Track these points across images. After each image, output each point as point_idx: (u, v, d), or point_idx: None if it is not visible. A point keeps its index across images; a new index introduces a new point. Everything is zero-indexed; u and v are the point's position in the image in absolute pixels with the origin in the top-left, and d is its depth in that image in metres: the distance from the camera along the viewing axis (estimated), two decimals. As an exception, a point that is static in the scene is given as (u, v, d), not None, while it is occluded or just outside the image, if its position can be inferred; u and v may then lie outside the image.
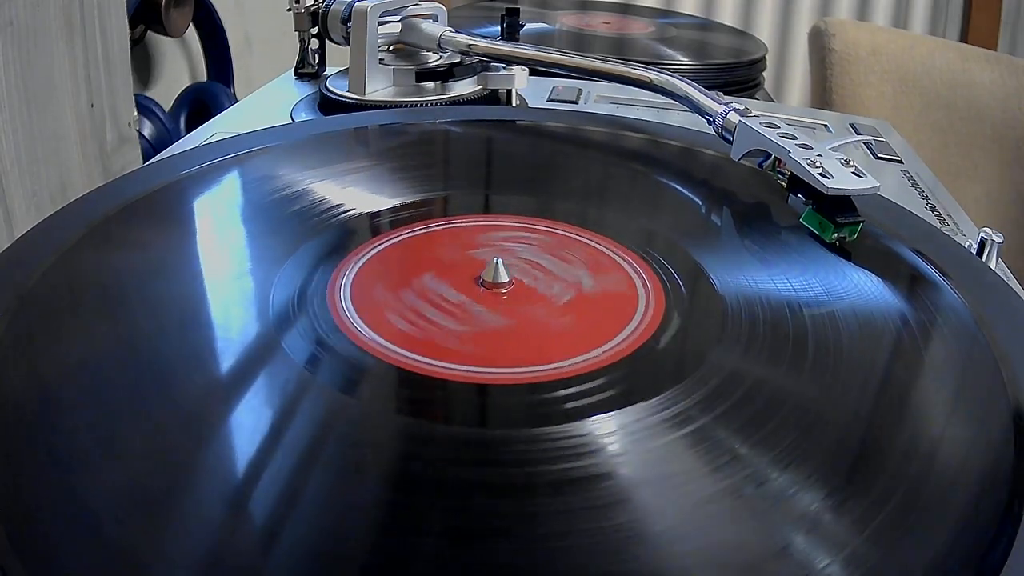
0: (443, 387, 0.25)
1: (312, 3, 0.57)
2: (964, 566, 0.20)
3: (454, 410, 0.25)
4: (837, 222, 0.33)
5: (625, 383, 0.25)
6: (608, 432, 0.23)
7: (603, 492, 0.21)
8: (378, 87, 0.52)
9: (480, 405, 0.25)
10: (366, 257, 0.31)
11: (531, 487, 0.22)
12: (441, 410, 0.25)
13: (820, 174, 0.33)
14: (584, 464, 0.22)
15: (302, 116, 0.52)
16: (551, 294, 0.30)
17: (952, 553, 0.20)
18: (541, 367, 0.26)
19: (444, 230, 0.34)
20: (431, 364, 0.26)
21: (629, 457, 0.23)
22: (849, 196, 0.33)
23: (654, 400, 0.24)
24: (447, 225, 0.34)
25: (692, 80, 0.43)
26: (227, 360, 0.26)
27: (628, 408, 0.24)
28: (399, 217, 0.34)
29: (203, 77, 1.21)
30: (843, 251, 0.33)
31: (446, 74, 0.52)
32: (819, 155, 0.35)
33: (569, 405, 0.24)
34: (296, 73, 0.60)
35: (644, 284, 0.30)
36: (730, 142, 0.39)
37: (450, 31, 0.52)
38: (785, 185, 0.36)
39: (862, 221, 0.33)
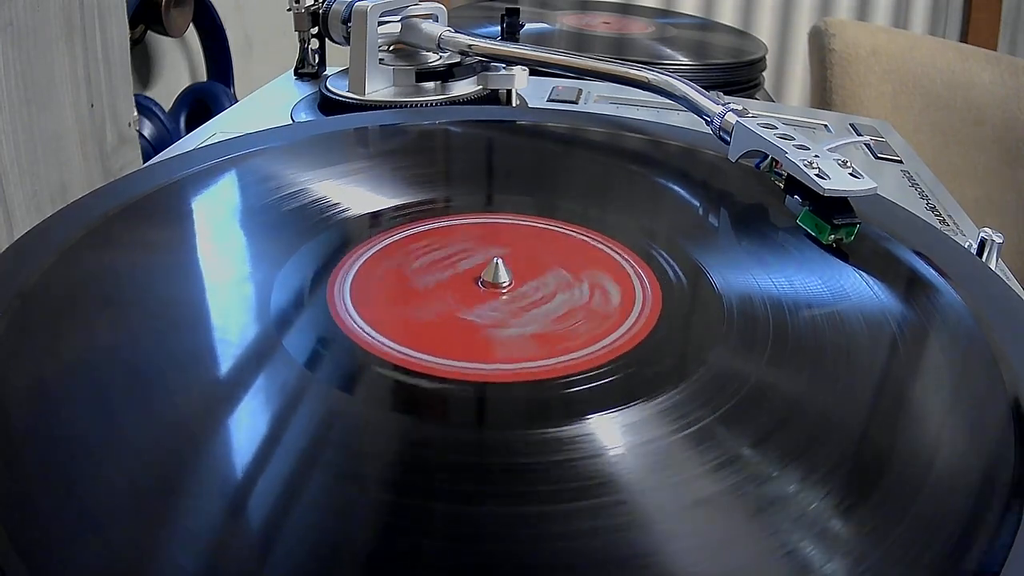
0: (442, 384, 0.25)
1: (312, 3, 0.57)
2: (964, 566, 0.20)
3: (452, 408, 0.25)
4: (834, 223, 0.32)
5: (622, 382, 0.25)
6: (606, 430, 0.23)
7: (601, 490, 0.21)
8: (378, 87, 0.52)
9: (478, 403, 0.25)
10: (366, 257, 0.31)
11: (529, 485, 0.22)
12: (440, 408, 0.25)
13: (816, 175, 0.33)
14: (581, 462, 0.22)
15: (302, 116, 0.52)
16: (550, 293, 0.30)
17: (952, 553, 0.20)
18: (539, 363, 0.26)
19: (444, 229, 0.34)
20: (430, 361, 0.26)
21: (627, 455, 0.23)
22: (846, 197, 0.33)
23: (652, 399, 0.24)
24: (447, 224, 0.34)
25: (692, 80, 0.43)
26: (228, 360, 0.26)
27: (626, 407, 0.24)
28: (399, 217, 0.35)
29: (203, 77, 1.21)
30: (840, 253, 0.33)
31: (446, 74, 0.52)
32: (816, 156, 0.35)
33: (567, 403, 0.24)
34: (296, 73, 0.60)
35: (642, 283, 0.30)
36: (728, 143, 0.39)
37: (450, 31, 0.52)
38: (782, 186, 0.36)
39: (859, 223, 0.33)
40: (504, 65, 0.52)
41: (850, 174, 0.34)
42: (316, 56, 0.60)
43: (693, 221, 0.37)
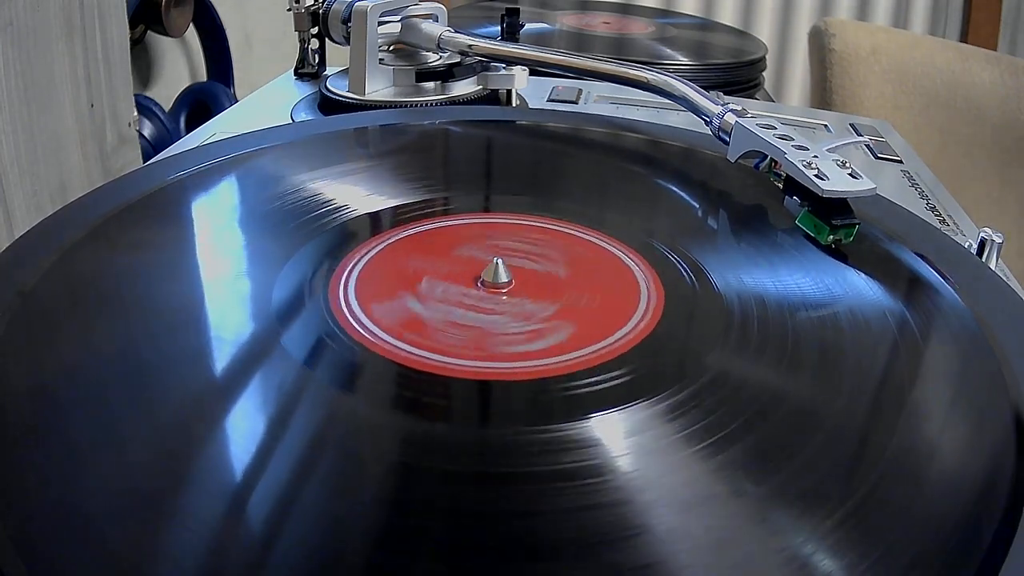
0: (444, 383, 0.25)
1: (312, 3, 0.57)
2: (964, 566, 0.20)
3: (454, 406, 0.25)
4: (833, 224, 0.32)
5: (625, 381, 0.25)
6: (608, 429, 0.23)
7: (603, 490, 0.21)
8: (378, 87, 0.52)
9: (480, 402, 0.25)
10: (366, 258, 0.31)
11: (531, 484, 0.22)
12: (442, 406, 0.25)
13: (815, 176, 0.33)
14: (583, 462, 0.22)
15: (302, 116, 0.52)
16: (552, 292, 0.30)
17: (952, 553, 0.20)
18: (542, 362, 0.26)
19: (444, 229, 0.34)
20: (433, 359, 0.26)
21: (628, 455, 0.23)
22: (845, 198, 0.33)
23: (654, 398, 0.24)
24: (447, 224, 0.34)
25: (692, 80, 0.43)
26: (228, 360, 0.26)
27: (628, 406, 0.24)
28: (399, 217, 0.35)
29: (203, 77, 1.21)
30: (839, 253, 0.33)
31: (446, 74, 0.52)
32: (815, 156, 0.35)
33: (569, 402, 0.24)
34: (296, 73, 0.60)
35: (646, 281, 0.30)
36: (727, 143, 0.39)
37: (450, 31, 0.52)
38: (781, 187, 0.36)
39: (858, 223, 0.33)
40: (504, 65, 0.52)
41: (849, 175, 0.34)
42: (316, 56, 0.60)
43: (693, 222, 0.37)
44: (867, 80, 0.93)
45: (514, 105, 0.53)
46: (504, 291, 0.30)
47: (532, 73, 0.52)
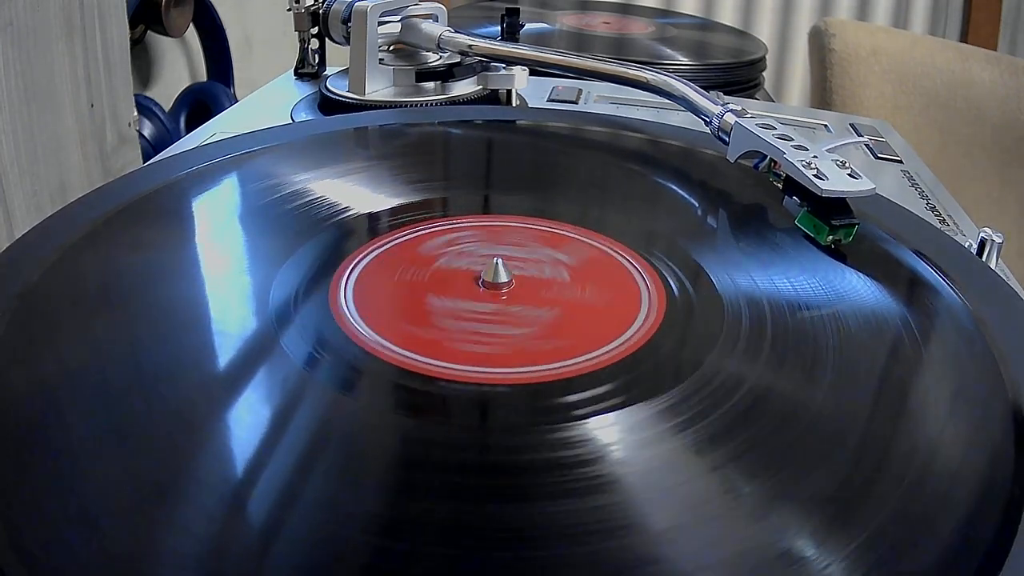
0: (443, 387, 0.25)
1: (312, 3, 0.57)
2: (964, 566, 0.20)
3: (454, 410, 0.25)
4: (832, 224, 0.32)
5: (627, 384, 0.25)
6: (609, 433, 0.23)
7: (603, 493, 0.21)
8: (378, 87, 0.52)
9: (480, 405, 0.25)
10: (366, 258, 0.31)
11: (531, 488, 0.22)
12: (441, 410, 0.25)
13: (815, 176, 0.33)
14: (584, 465, 0.22)
15: (302, 116, 0.52)
16: (553, 294, 0.30)
17: (952, 553, 0.20)
18: (543, 367, 0.26)
19: (444, 230, 0.34)
20: (432, 364, 0.26)
21: (629, 458, 0.23)
22: (844, 198, 0.33)
23: (656, 400, 0.24)
24: (447, 225, 0.34)
25: (692, 80, 0.43)
26: (227, 360, 0.26)
27: (629, 408, 0.24)
28: (399, 217, 0.35)
29: (203, 77, 1.21)
30: (839, 253, 0.33)
31: (446, 74, 0.52)
32: (814, 156, 0.35)
33: (570, 406, 0.24)
34: (296, 73, 0.60)
35: (647, 285, 0.30)
36: (727, 143, 0.39)
37: (450, 31, 0.52)
38: (781, 187, 0.36)
39: (857, 224, 0.33)
40: (504, 65, 0.52)
41: (848, 175, 0.34)
42: (316, 56, 0.60)
43: (692, 222, 0.37)
44: (867, 80, 0.93)
45: (514, 105, 0.53)
46: (504, 291, 0.30)
47: (532, 73, 0.52)
